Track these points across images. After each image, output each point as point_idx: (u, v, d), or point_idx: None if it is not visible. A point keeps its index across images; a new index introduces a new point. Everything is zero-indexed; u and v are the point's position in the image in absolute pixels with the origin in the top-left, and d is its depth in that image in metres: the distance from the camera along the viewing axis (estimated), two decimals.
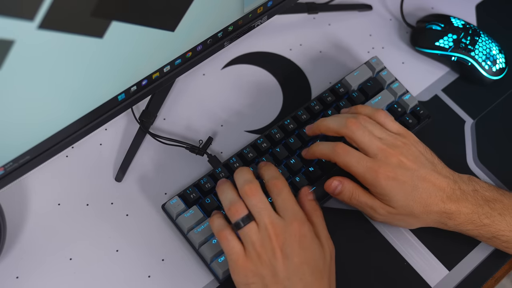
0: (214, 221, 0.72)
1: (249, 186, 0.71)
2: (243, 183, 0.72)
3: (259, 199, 0.71)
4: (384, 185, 0.76)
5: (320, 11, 0.99)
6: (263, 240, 0.69)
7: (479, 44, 0.94)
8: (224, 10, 0.80)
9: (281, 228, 0.70)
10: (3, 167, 0.71)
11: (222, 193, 0.73)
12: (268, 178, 0.74)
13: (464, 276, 0.83)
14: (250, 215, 0.70)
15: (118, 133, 0.88)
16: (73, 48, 0.65)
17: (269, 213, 0.70)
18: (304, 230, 0.70)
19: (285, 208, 0.71)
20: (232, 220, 0.71)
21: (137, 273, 0.80)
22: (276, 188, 0.72)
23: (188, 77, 0.93)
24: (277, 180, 0.73)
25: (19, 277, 0.78)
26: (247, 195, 0.71)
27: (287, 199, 0.72)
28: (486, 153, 0.91)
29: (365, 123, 0.79)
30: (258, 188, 0.71)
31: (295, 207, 0.72)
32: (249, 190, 0.71)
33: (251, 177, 0.72)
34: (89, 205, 0.83)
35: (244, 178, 0.72)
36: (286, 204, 0.71)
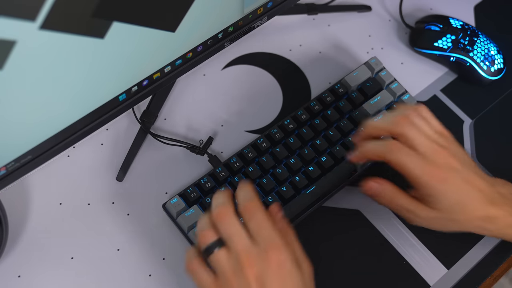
0: (186, 255, 0.68)
1: (219, 209, 0.66)
2: (215, 207, 0.66)
3: (230, 223, 0.65)
4: (437, 187, 0.73)
5: (319, 12, 0.99)
6: (235, 268, 0.63)
7: (478, 44, 0.94)
8: (224, 11, 0.80)
9: (255, 256, 0.63)
10: (5, 167, 0.71)
11: (198, 222, 0.68)
12: (240, 201, 0.67)
13: (463, 274, 0.83)
14: (220, 241, 0.65)
15: (119, 133, 0.88)
16: (74, 48, 0.65)
17: (241, 239, 0.64)
18: (282, 257, 0.64)
19: (259, 234, 0.65)
20: (202, 246, 0.65)
21: (138, 272, 0.80)
22: (247, 212, 0.66)
23: (189, 78, 0.93)
24: (250, 202, 0.66)
25: (21, 276, 0.78)
26: (218, 220, 0.65)
27: (261, 223, 0.65)
28: (484, 153, 0.91)
29: (416, 120, 0.75)
30: (230, 211, 0.66)
31: (270, 231, 0.65)
32: (219, 213, 0.65)
33: (225, 200, 0.67)
34: (90, 205, 0.83)
35: (218, 201, 0.67)
36: (259, 228, 0.65)
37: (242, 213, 0.67)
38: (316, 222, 0.85)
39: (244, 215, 0.66)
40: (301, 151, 0.85)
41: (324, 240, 0.84)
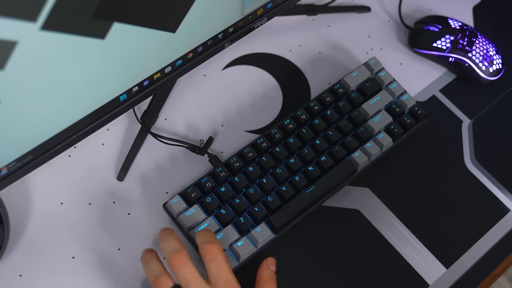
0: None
1: (176, 257, 0.67)
2: (170, 253, 0.68)
3: (188, 270, 0.67)
4: None
5: (319, 12, 1.00)
6: None
7: (476, 45, 0.95)
8: (224, 12, 0.80)
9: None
10: (6, 167, 0.71)
11: (147, 264, 0.69)
12: (202, 242, 0.69)
13: (462, 274, 0.83)
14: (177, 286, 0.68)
15: (120, 133, 0.88)
16: (75, 49, 0.65)
17: (198, 284, 0.67)
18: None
19: (218, 275, 0.68)
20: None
21: (138, 271, 0.80)
22: (209, 254, 0.68)
23: (189, 78, 0.93)
24: (211, 244, 0.69)
25: (23, 275, 0.79)
26: (174, 266, 0.67)
27: (220, 266, 0.68)
28: (483, 153, 0.92)
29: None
30: (186, 258, 0.68)
31: (228, 275, 0.68)
32: (176, 261, 0.67)
33: (178, 245, 0.68)
34: (91, 204, 0.83)
35: (171, 247, 0.68)
36: (219, 271, 0.68)
37: (204, 254, 0.69)
38: (315, 221, 0.85)
39: (205, 256, 0.69)
40: (301, 151, 0.86)
41: (324, 239, 0.84)
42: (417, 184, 0.89)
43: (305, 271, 0.82)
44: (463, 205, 0.88)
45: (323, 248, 0.84)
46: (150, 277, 0.69)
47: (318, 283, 0.81)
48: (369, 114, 0.89)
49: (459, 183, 0.89)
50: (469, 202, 0.88)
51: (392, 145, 0.89)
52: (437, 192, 0.88)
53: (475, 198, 0.88)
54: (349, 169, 0.85)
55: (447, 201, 0.88)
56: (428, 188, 0.88)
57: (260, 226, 0.80)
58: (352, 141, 0.87)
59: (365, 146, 0.87)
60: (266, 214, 0.82)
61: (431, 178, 0.89)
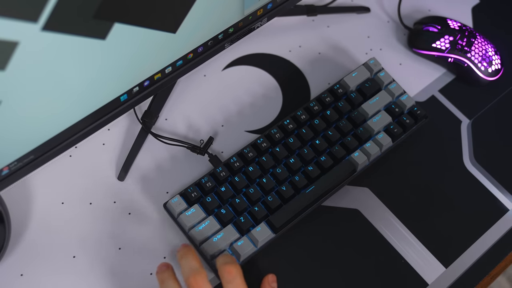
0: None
1: (195, 278, 0.68)
2: (188, 273, 0.68)
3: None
4: None
5: (319, 13, 1.00)
6: None
7: (475, 45, 0.95)
8: (224, 12, 0.80)
9: None
10: (7, 167, 0.71)
11: (163, 284, 0.70)
12: (222, 263, 0.70)
13: (461, 273, 0.84)
14: None
15: (120, 133, 0.89)
16: (76, 49, 0.65)
17: None
18: None
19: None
20: None
21: (139, 270, 0.80)
22: (229, 275, 0.69)
23: (189, 78, 0.93)
24: (231, 266, 0.70)
25: (24, 275, 0.79)
26: (192, 286, 0.68)
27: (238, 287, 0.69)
28: (482, 152, 0.92)
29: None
30: (205, 279, 0.68)
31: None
32: (194, 282, 0.68)
33: (198, 265, 0.69)
34: (92, 204, 0.84)
35: (190, 266, 0.69)
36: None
37: (223, 275, 0.70)
38: (315, 221, 0.85)
39: (224, 276, 0.70)
40: (300, 151, 0.86)
41: (323, 239, 0.84)
42: (417, 184, 0.89)
43: (305, 271, 0.82)
44: (462, 204, 0.88)
45: (323, 247, 0.84)
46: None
47: (317, 282, 0.82)
48: (368, 114, 0.89)
49: (458, 183, 0.89)
50: (468, 202, 0.88)
51: (391, 145, 0.89)
52: (436, 192, 0.88)
53: (474, 197, 0.89)
54: (349, 169, 0.85)
55: (446, 201, 0.88)
56: (427, 188, 0.89)
57: (260, 225, 0.81)
58: (351, 141, 0.87)
59: (364, 146, 0.87)
60: (266, 214, 0.82)
61: (430, 178, 0.89)
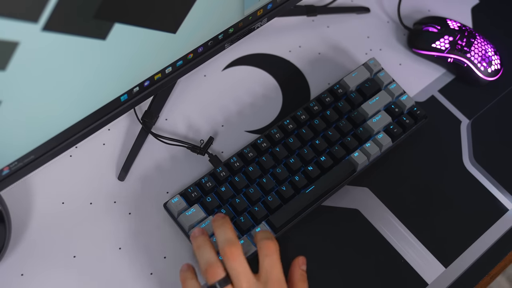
0: (186, 284, 0.70)
1: (230, 249, 0.68)
2: (224, 242, 0.68)
3: (239, 263, 0.67)
4: None
5: (318, 13, 1.00)
6: None
7: (475, 45, 0.95)
8: (224, 13, 0.80)
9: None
10: (8, 167, 0.72)
11: (199, 249, 0.70)
12: (261, 238, 0.70)
13: (460, 273, 0.84)
14: (227, 278, 0.68)
15: (121, 133, 0.89)
16: (76, 49, 0.66)
17: (247, 278, 0.67)
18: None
19: (270, 272, 0.68)
20: (209, 282, 0.68)
21: (139, 270, 0.80)
22: (267, 249, 0.69)
23: (190, 78, 0.94)
24: (271, 241, 0.70)
25: (24, 275, 0.79)
26: (227, 257, 0.67)
27: (274, 263, 0.69)
28: (482, 152, 0.92)
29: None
30: (240, 251, 0.68)
31: (279, 274, 0.69)
32: (230, 252, 0.67)
33: (234, 237, 0.69)
34: (92, 204, 0.84)
35: (226, 237, 0.69)
36: (272, 267, 0.69)
37: (261, 248, 0.70)
38: (315, 221, 0.85)
39: (262, 250, 0.69)
40: (300, 151, 0.86)
41: (323, 239, 0.84)
42: (416, 184, 0.89)
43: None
44: (462, 204, 0.88)
45: (323, 247, 0.84)
46: (202, 264, 0.69)
47: (317, 282, 0.82)
48: (368, 114, 0.89)
49: (457, 182, 0.89)
50: (468, 202, 0.88)
51: (391, 145, 0.89)
52: (436, 192, 0.89)
53: (473, 197, 0.89)
54: (349, 169, 0.86)
55: (446, 201, 0.88)
56: (427, 188, 0.89)
57: (260, 225, 0.81)
58: (351, 141, 0.87)
59: (364, 146, 0.87)
60: (266, 214, 0.82)
61: (430, 177, 0.90)
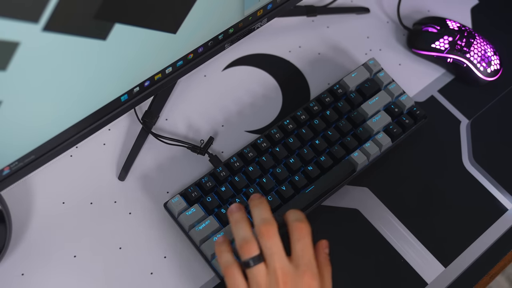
0: (221, 255, 0.70)
1: (266, 228, 0.68)
2: (261, 221, 0.68)
3: (274, 242, 0.68)
4: None
5: (318, 14, 1.00)
6: (270, 284, 0.67)
7: (474, 46, 0.95)
8: (224, 13, 0.80)
9: (291, 277, 0.67)
10: (8, 167, 0.72)
11: (236, 225, 0.70)
12: (294, 219, 0.70)
13: (460, 272, 0.84)
14: (261, 256, 0.68)
15: (121, 133, 0.89)
16: (77, 50, 0.66)
17: (280, 257, 0.67)
18: (314, 283, 0.68)
19: (302, 256, 0.68)
20: (242, 257, 0.68)
21: (139, 270, 0.81)
22: (299, 232, 0.69)
23: (190, 78, 0.94)
24: (303, 224, 0.69)
25: (25, 274, 0.79)
26: (263, 235, 0.68)
27: (307, 247, 0.69)
28: (481, 152, 0.92)
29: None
30: (276, 231, 0.68)
31: (311, 258, 0.69)
32: (266, 231, 0.68)
33: (270, 216, 0.69)
34: (92, 204, 0.84)
35: (263, 216, 0.69)
36: (304, 251, 0.68)
37: (293, 231, 0.69)
38: (315, 221, 0.85)
39: (294, 233, 0.69)
40: (300, 151, 0.86)
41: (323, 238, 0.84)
42: (416, 184, 0.89)
43: None
44: (461, 204, 0.88)
45: None
46: (238, 240, 0.69)
47: None
48: (368, 114, 0.89)
49: (457, 182, 0.90)
50: (467, 202, 0.89)
51: (391, 145, 0.89)
52: (436, 192, 0.89)
53: (473, 197, 0.89)
54: (348, 169, 0.86)
55: (446, 201, 0.88)
56: (426, 188, 0.89)
57: None
58: (351, 141, 0.87)
59: (364, 146, 0.87)
60: None
61: (430, 177, 0.90)
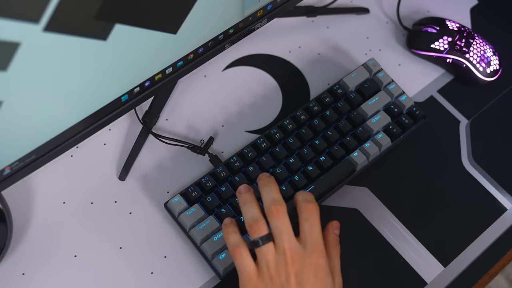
0: (229, 236, 0.71)
1: (276, 207, 0.69)
2: (271, 201, 0.70)
3: (283, 222, 0.69)
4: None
5: (318, 14, 1.00)
6: (279, 263, 0.68)
7: (474, 46, 0.95)
8: (225, 13, 0.81)
9: (299, 256, 0.68)
10: (9, 167, 0.72)
11: (245, 205, 0.71)
12: (302, 200, 0.71)
13: (459, 272, 0.84)
14: (269, 235, 0.69)
15: (121, 133, 0.89)
16: (77, 50, 0.66)
17: (289, 237, 0.68)
18: (322, 262, 0.69)
19: (309, 236, 0.69)
20: (252, 237, 0.69)
21: (140, 269, 0.81)
22: (307, 212, 0.70)
23: (190, 79, 0.94)
24: (311, 204, 0.71)
25: (25, 274, 0.79)
26: (272, 215, 0.69)
27: (314, 227, 0.70)
28: (480, 153, 0.92)
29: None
30: (285, 211, 0.69)
31: (318, 237, 0.70)
32: (275, 211, 0.69)
33: (279, 197, 0.70)
34: (93, 204, 0.84)
35: (272, 196, 0.70)
36: (311, 231, 0.70)
37: (301, 211, 0.71)
38: None
39: (302, 213, 0.70)
40: (300, 151, 0.86)
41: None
42: (415, 184, 0.89)
43: None
44: (461, 204, 0.88)
45: None
46: (247, 219, 0.70)
47: None
48: (367, 114, 0.90)
49: (456, 182, 0.90)
50: (467, 201, 0.89)
51: (390, 145, 0.89)
52: (435, 191, 0.89)
53: (472, 197, 0.89)
54: (348, 169, 0.86)
55: (445, 200, 0.88)
56: (426, 188, 0.89)
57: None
58: (351, 141, 0.88)
59: (364, 146, 0.87)
60: None
61: (429, 177, 0.90)
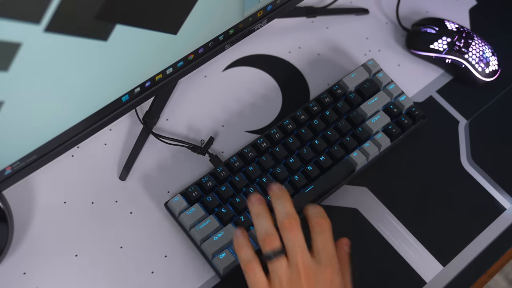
0: (241, 251, 0.69)
1: (289, 221, 0.67)
2: (284, 215, 0.68)
3: (296, 236, 0.67)
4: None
5: (318, 15, 1.00)
6: (292, 278, 0.66)
7: (473, 46, 0.95)
8: (225, 14, 0.81)
9: (313, 271, 0.67)
10: (10, 166, 0.72)
11: (258, 217, 0.69)
12: (314, 214, 0.70)
13: (458, 271, 0.84)
14: (282, 249, 0.67)
15: (122, 133, 0.89)
16: (78, 50, 0.66)
17: (303, 251, 0.67)
18: (337, 279, 0.68)
19: (323, 251, 0.68)
20: (264, 250, 0.67)
21: (140, 269, 0.81)
22: (320, 227, 0.69)
23: (190, 79, 0.94)
24: (324, 219, 0.69)
25: (26, 273, 0.79)
26: (285, 228, 0.67)
27: (328, 242, 0.69)
28: (479, 153, 0.92)
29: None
30: (298, 225, 0.68)
31: (333, 253, 0.68)
32: (288, 224, 0.67)
33: (293, 210, 0.69)
34: (94, 203, 0.84)
35: (286, 210, 0.69)
36: (325, 246, 0.68)
37: (314, 226, 0.69)
38: None
39: (315, 228, 0.69)
40: (300, 151, 0.87)
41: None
42: (415, 183, 0.90)
43: None
44: (460, 204, 0.89)
45: None
46: (260, 232, 0.68)
47: None
48: (367, 114, 0.90)
49: (455, 182, 0.90)
50: (466, 201, 0.89)
51: (390, 145, 0.89)
52: (434, 191, 0.89)
53: (471, 197, 0.89)
54: (348, 169, 0.86)
55: (444, 200, 0.89)
56: (425, 187, 0.89)
57: None
58: (350, 141, 0.88)
59: (363, 146, 0.88)
60: None
61: (429, 177, 0.90)
